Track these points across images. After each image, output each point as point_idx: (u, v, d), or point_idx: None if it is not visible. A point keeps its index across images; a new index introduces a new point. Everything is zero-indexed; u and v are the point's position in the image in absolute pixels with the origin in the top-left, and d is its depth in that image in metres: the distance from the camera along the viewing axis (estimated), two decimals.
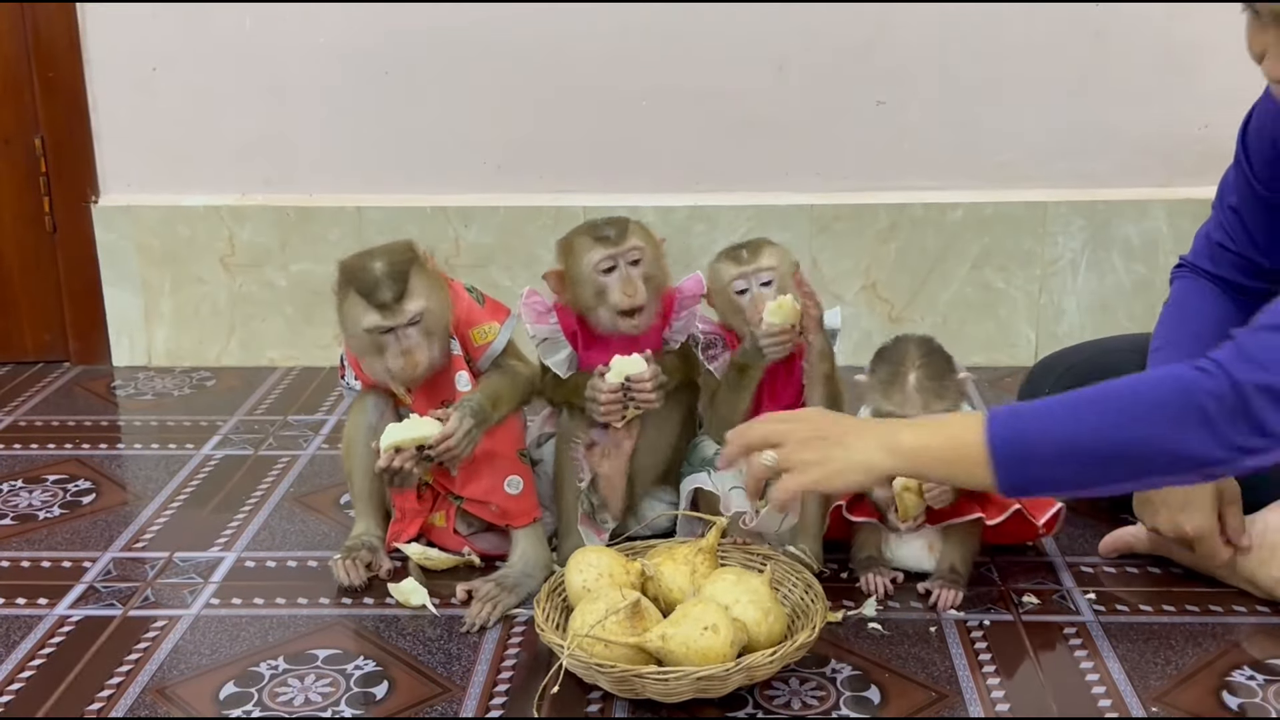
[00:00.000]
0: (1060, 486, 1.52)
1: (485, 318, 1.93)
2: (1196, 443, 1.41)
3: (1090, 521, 2.07)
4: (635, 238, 1.90)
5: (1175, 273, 2.01)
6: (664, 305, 1.95)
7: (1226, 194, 1.91)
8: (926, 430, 1.54)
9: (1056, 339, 2.79)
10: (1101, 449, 1.45)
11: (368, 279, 1.80)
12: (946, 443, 1.51)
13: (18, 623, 1.83)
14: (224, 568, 1.99)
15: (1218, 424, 1.39)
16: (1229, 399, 1.39)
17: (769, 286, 1.90)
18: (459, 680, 1.67)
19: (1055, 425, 1.48)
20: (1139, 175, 2.79)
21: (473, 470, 1.90)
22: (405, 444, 1.79)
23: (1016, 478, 1.48)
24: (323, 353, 2.87)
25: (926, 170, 2.81)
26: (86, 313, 2.94)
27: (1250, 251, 1.89)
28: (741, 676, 1.56)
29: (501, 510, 1.90)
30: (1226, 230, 1.90)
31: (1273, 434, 1.39)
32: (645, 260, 1.90)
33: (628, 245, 1.89)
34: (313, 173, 2.87)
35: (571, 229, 1.98)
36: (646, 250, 1.91)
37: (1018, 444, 1.48)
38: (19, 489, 2.29)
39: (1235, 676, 1.66)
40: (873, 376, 1.88)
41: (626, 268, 1.89)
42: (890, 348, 1.89)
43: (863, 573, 1.89)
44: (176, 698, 1.64)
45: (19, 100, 2.82)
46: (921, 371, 1.84)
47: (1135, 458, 1.44)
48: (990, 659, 1.70)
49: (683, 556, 1.73)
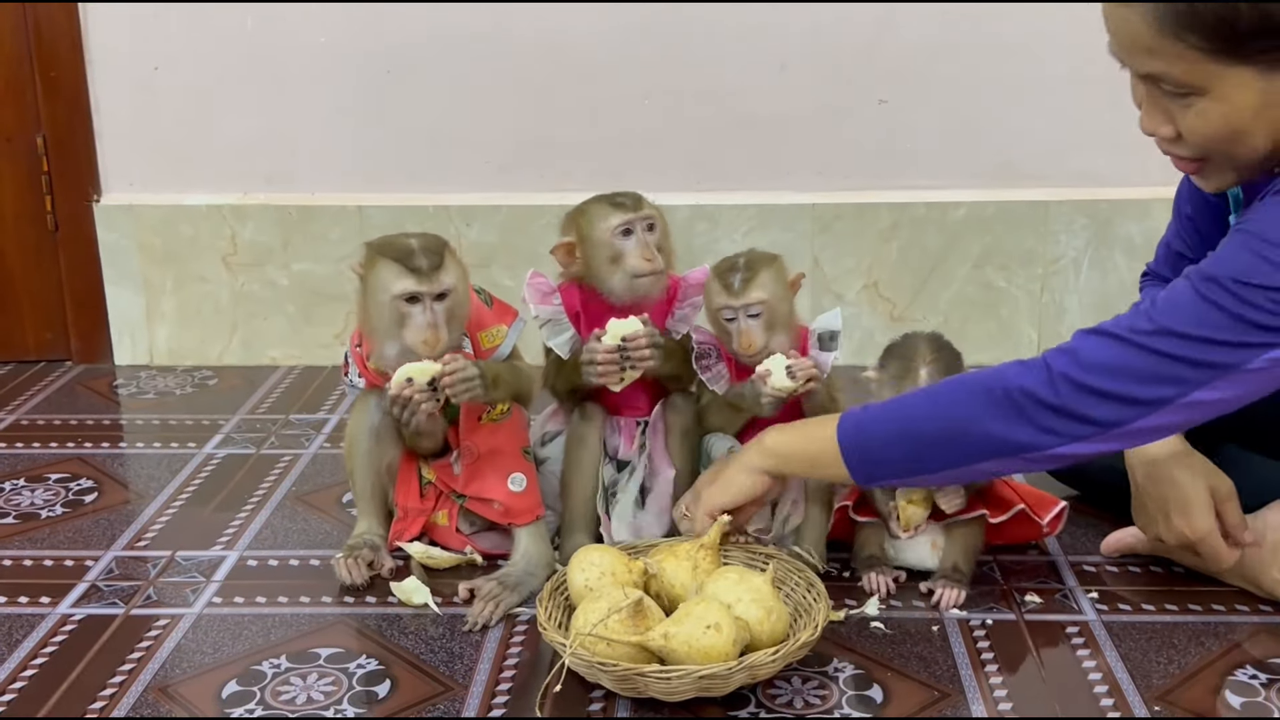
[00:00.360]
0: (904, 472, 1.64)
1: (493, 320, 1.94)
2: (1010, 428, 1.52)
3: (1093, 521, 2.07)
4: (650, 207, 1.95)
5: (1142, 281, 2.01)
6: (669, 293, 1.96)
7: (1182, 203, 1.89)
8: (790, 430, 1.74)
9: (1059, 338, 2.75)
10: (927, 432, 1.59)
11: (404, 247, 1.81)
12: (807, 442, 1.69)
13: (20, 621, 1.83)
14: (226, 566, 1.99)
15: (1032, 412, 1.51)
16: (1044, 390, 1.50)
17: (757, 320, 1.90)
18: (461, 679, 1.67)
19: (890, 413, 1.64)
20: (1141, 174, 2.79)
21: (476, 468, 1.90)
22: (420, 375, 1.80)
23: (863, 466, 1.63)
24: (325, 352, 2.88)
25: (928, 169, 2.81)
26: (88, 311, 2.94)
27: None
28: (744, 675, 1.56)
29: (505, 508, 1.90)
30: (1184, 239, 1.89)
31: (1096, 422, 1.49)
32: (659, 230, 1.94)
33: (644, 211, 1.93)
34: (314, 172, 2.87)
35: None
36: (659, 221, 1.95)
37: (859, 434, 1.63)
38: (21, 488, 2.29)
39: (1238, 676, 1.66)
40: (883, 372, 1.87)
41: (643, 233, 1.91)
42: (900, 344, 1.89)
43: (865, 572, 1.89)
44: (179, 696, 1.64)
45: (21, 99, 2.82)
46: (933, 366, 1.84)
47: (958, 441, 1.57)
48: (993, 658, 1.70)
49: (685, 555, 1.73)
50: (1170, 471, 1.78)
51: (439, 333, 1.81)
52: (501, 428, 1.89)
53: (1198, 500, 1.77)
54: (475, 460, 1.88)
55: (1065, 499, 1.96)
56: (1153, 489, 1.80)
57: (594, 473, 1.97)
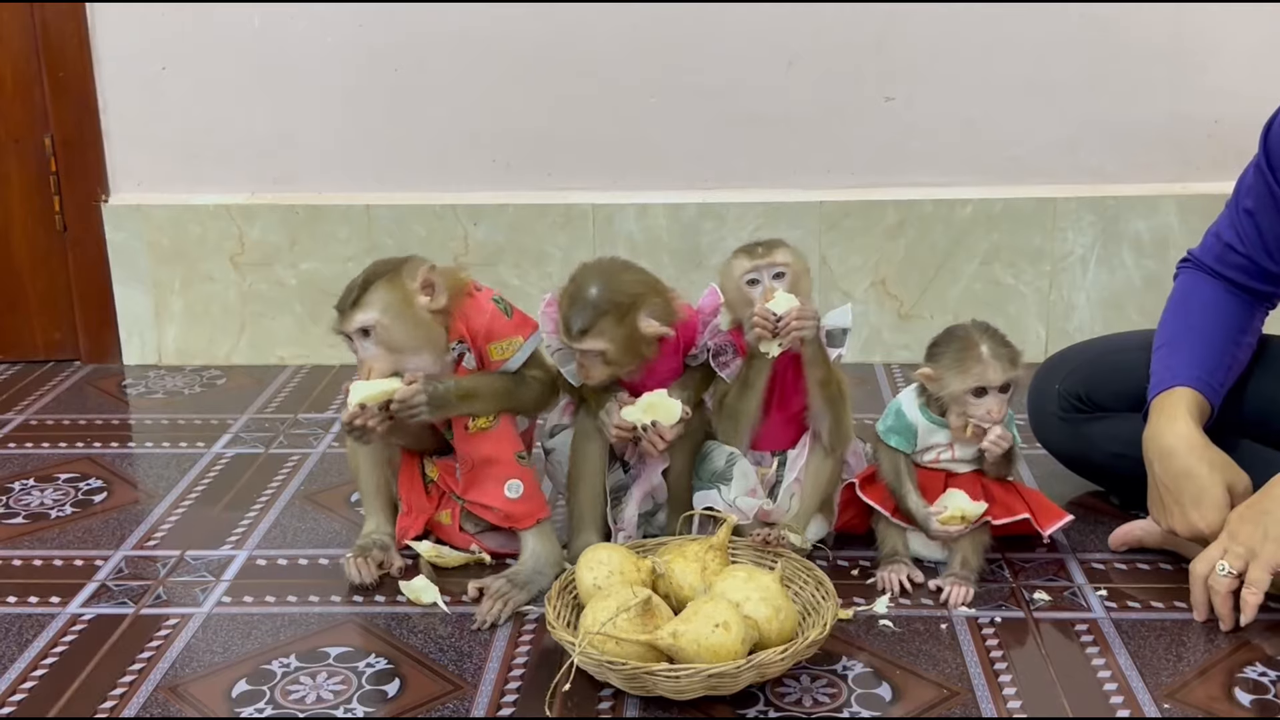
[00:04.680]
0: None
1: (509, 331, 1.90)
2: None
3: (1101, 518, 2.07)
4: (596, 340, 1.82)
5: (1180, 267, 2.00)
6: (686, 329, 1.94)
7: (1242, 195, 1.89)
8: None
9: (1067, 335, 2.79)
10: None
11: (347, 286, 1.86)
12: None
13: (30, 621, 1.83)
14: (235, 566, 1.99)
15: None
16: None
17: (781, 280, 1.89)
18: (470, 678, 1.67)
19: None
20: (1149, 171, 2.79)
21: (474, 476, 1.90)
22: (370, 399, 1.81)
23: None
24: (332, 351, 2.88)
25: (935, 166, 2.81)
26: (97, 311, 2.94)
27: (1259, 255, 1.88)
28: (753, 674, 1.56)
29: (504, 514, 1.90)
30: (1238, 232, 1.89)
31: None
32: (607, 355, 1.84)
33: (583, 346, 1.83)
34: (322, 171, 2.87)
35: (589, 265, 1.90)
36: (610, 351, 1.83)
37: None
38: (31, 488, 2.30)
39: (1247, 673, 1.65)
40: (938, 364, 1.87)
41: (583, 355, 1.86)
42: (944, 335, 1.90)
43: (882, 569, 1.89)
44: (188, 696, 1.64)
45: (29, 99, 2.83)
46: (991, 340, 1.85)
47: None
48: (1001, 656, 1.70)
49: (693, 554, 1.73)
50: (1187, 464, 1.78)
51: (369, 365, 1.83)
52: (489, 437, 1.87)
53: (1213, 494, 1.77)
54: (471, 469, 1.89)
55: (1076, 496, 1.96)
56: (1169, 481, 1.80)
57: (600, 470, 1.97)
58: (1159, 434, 1.82)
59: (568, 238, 2.84)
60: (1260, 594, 1.68)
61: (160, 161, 2.88)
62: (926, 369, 1.88)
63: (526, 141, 2.83)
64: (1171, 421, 1.82)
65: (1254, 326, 1.94)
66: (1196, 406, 1.83)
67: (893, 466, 1.91)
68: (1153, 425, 1.84)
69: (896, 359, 2.87)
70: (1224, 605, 1.72)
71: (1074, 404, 2.08)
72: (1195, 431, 1.80)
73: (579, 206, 2.82)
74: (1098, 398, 2.06)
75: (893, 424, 1.92)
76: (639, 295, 1.85)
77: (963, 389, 1.84)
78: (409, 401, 1.81)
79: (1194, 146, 2.76)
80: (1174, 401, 1.83)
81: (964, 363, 1.84)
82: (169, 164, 2.88)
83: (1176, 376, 1.86)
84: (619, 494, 1.99)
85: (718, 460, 1.94)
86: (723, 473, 1.93)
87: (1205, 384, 1.85)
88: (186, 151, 2.87)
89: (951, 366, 1.85)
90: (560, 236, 2.84)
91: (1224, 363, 1.88)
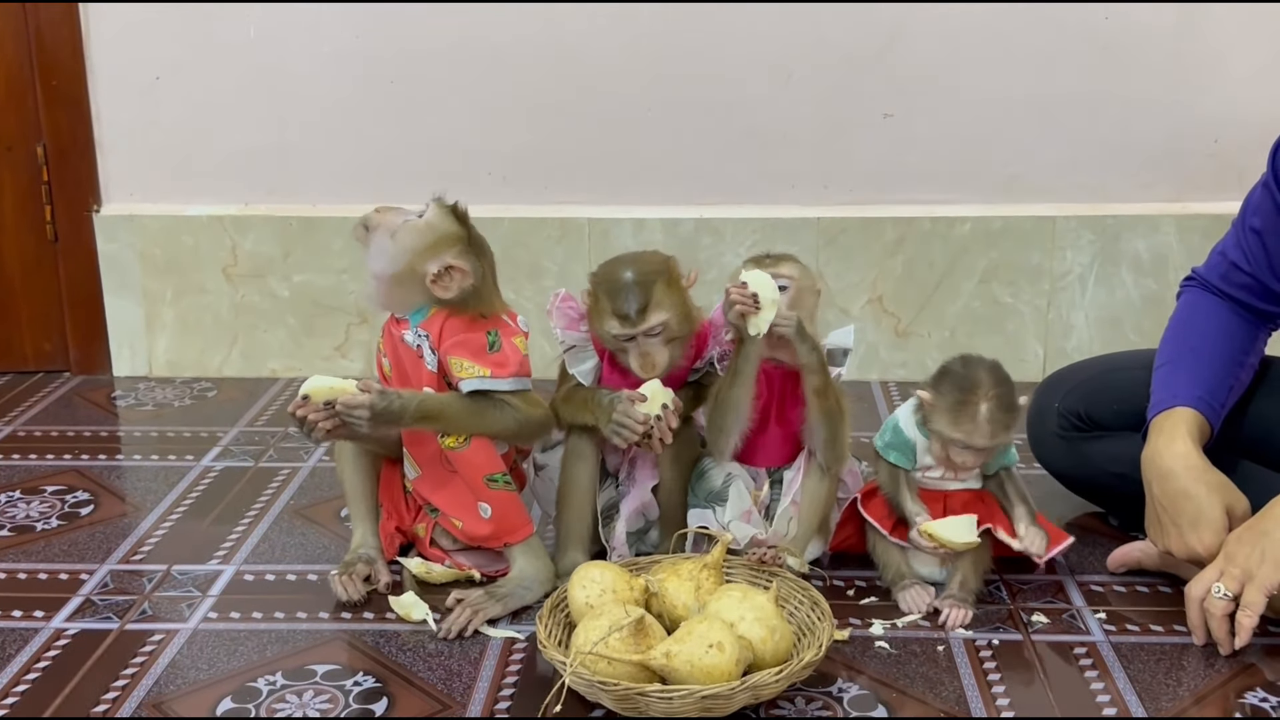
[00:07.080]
0: None
1: (476, 359, 1.83)
2: None
3: (1100, 539, 2.05)
4: (656, 312, 1.83)
5: (1184, 285, 1.99)
6: (697, 339, 1.93)
7: (1249, 214, 1.88)
8: None
9: (1065, 354, 2.77)
10: None
11: None
12: None
13: (13, 636, 1.81)
14: (223, 581, 1.97)
15: None
16: None
17: (784, 292, 1.87)
18: (459, 697, 1.65)
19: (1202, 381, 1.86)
20: (1149, 190, 2.78)
21: (449, 494, 1.89)
22: (316, 394, 1.79)
23: None
24: (325, 364, 2.86)
25: (934, 183, 2.79)
26: (87, 322, 2.92)
27: (1265, 275, 1.86)
28: (747, 695, 1.54)
29: (469, 534, 1.89)
30: (1244, 250, 1.88)
31: None
32: (669, 328, 1.85)
33: (646, 325, 1.83)
34: (316, 183, 2.85)
35: (606, 263, 1.90)
36: (671, 319, 1.85)
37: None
38: (17, 500, 2.27)
39: (1248, 699, 1.63)
40: (939, 398, 1.83)
41: (645, 339, 1.85)
42: (959, 371, 1.84)
43: (900, 592, 1.87)
44: (173, 713, 1.61)
45: (21, 108, 2.81)
46: (994, 402, 1.80)
47: None
48: (999, 679, 1.68)
49: (687, 572, 1.71)
50: (1186, 486, 1.76)
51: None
52: (459, 457, 1.84)
53: (1211, 516, 1.75)
54: (443, 487, 1.88)
55: (1075, 517, 1.94)
56: (1167, 502, 1.78)
57: (590, 490, 1.95)
58: (1158, 454, 1.80)
59: (564, 251, 2.82)
60: (1255, 616, 1.66)
61: (153, 171, 2.86)
62: (926, 394, 1.86)
63: (523, 155, 2.82)
64: (1171, 442, 1.80)
65: (1257, 348, 1.92)
66: (1197, 427, 1.82)
67: (892, 478, 1.89)
68: (1152, 445, 1.82)
69: (893, 376, 2.85)
70: (1220, 628, 1.70)
71: (1074, 422, 2.07)
72: (1195, 452, 1.79)
73: (575, 220, 2.81)
74: (1098, 416, 2.05)
75: (891, 439, 1.90)
76: (665, 260, 1.88)
77: (948, 435, 1.82)
78: (350, 405, 1.78)
79: (1194, 166, 2.75)
80: (1174, 422, 1.82)
81: (958, 413, 1.81)
82: (162, 174, 2.86)
83: (1177, 396, 1.84)
84: (610, 512, 1.97)
85: (715, 479, 1.92)
86: (719, 493, 1.91)
87: (1206, 404, 1.83)
88: (180, 162, 2.85)
89: (946, 410, 1.82)
90: (557, 250, 2.83)
91: (1226, 383, 1.86)
